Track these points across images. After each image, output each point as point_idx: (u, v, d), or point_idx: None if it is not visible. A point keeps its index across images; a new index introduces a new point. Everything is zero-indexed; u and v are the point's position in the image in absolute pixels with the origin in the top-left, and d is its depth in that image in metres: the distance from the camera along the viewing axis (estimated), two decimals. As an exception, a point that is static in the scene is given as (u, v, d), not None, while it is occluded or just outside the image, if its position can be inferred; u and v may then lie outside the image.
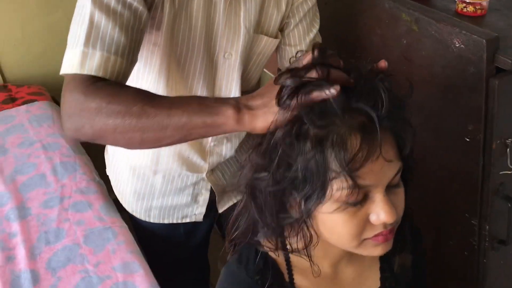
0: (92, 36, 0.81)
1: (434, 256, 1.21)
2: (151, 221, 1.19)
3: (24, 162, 1.52)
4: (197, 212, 1.18)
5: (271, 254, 0.83)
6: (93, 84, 0.79)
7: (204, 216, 1.19)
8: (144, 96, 0.78)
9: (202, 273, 1.40)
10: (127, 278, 1.15)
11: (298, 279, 0.83)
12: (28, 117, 1.72)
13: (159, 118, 0.75)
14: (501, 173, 1.03)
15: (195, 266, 1.35)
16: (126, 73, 0.84)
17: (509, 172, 1.03)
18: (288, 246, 0.81)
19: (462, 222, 1.12)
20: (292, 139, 0.71)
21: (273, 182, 0.74)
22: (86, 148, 1.64)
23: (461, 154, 1.07)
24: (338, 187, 0.70)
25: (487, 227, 1.09)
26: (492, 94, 0.97)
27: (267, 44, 1.05)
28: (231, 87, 1.04)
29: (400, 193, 0.76)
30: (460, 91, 1.03)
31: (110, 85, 0.79)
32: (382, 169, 0.70)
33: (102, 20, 0.82)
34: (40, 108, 1.77)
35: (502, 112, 0.98)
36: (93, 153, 1.66)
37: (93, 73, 0.80)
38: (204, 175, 1.13)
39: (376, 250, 0.76)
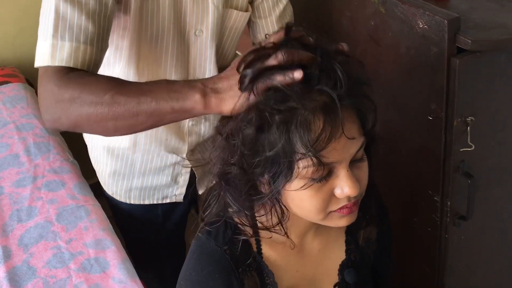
0: (59, 27, 0.83)
1: (399, 232, 1.25)
2: (131, 202, 1.20)
3: (-4, 142, 1.52)
4: (177, 193, 1.20)
5: (240, 226, 0.85)
6: (65, 75, 0.81)
7: (184, 196, 1.21)
8: (114, 84, 0.80)
9: (179, 254, 1.43)
10: (99, 254, 1.17)
11: (265, 250, 0.86)
12: (2, 98, 1.71)
13: (130, 105, 0.78)
14: (461, 150, 1.07)
15: (172, 248, 1.37)
16: (97, 61, 0.85)
17: (469, 149, 1.06)
18: (259, 224, 0.83)
19: (425, 199, 1.16)
20: (257, 127, 0.73)
21: (241, 168, 0.76)
22: (60, 129, 1.65)
23: (424, 132, 1.11)
24: (304, 165, 0.73)
25: (449, 203, 1.13)
26: (453, 73, 1.01)
27: (238, 18, 1.06)
28: (205, 66, 1.06)
29: (364, 166, 0.79)
30: (424, 70, 1.06)
31: (81, 75, 0.82)
32: (345, 146, 0.73)
33: (67, 10, 0.83)
34: (14, 89, 1.76)
35: (462, 90, 1.02)
36: (67, 135, 1.66)
37: (64, 64, 0.82)
38: (184, 155, 1.15)
39: (342, 221, 0.79)
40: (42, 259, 1.16)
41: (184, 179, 1.18)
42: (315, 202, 0.76)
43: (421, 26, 1.03)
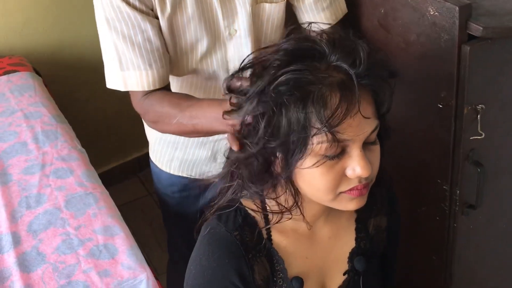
0: (122, 61, 1.02)
1: (407, 221, 1.24)
2: (171, 172, 1.26)
3: (5, 130, 1.52)
4: (214, 171, 1.22)
5: (250, 212, 0.86)
6: (143, 103, 1.05)
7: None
8: (177, 111, 1.00)
9: None
10: (108, 240, 1.18)
11: (276, 236, 0.86)
12: (10, 87, 1.71)
13: (189, 128, 1.00)
14: (471, 138, 1.06)
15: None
16: (162, 75, 1.04)
17: (479, 137, 1.06)
18: (269, 209, 0.84)
19: (434, 187, 1.16)
20: (272, 110, 0.74)
21: (257, 145, 0.77)
22: (68, 117, 1.65)
23: (434, 120, 1.10)
24: (318, 141, 0.73)
25: (458, 192, 1.12)
26: (464, 60, 1.00)
27: (271, 10, 1.08)
28: None
29: (376, 150, 0.79)
30: (434, 58, 1.05)
31: (153, 103, 1.04)
32: (360, 125, 0.74)
33: (123, 47, 1.01)
34: (22, 78, 1.76)
35: (473, 78, 1.01)
36: (75, 123, 1.66)
37: (134, 89, 1.04)
38: (226, 135, 1.17)
39: (351, 204, 0.79)
40: (51, 245, 1.17)
41: (222, 158, 1.20)
42: (326, 180, 0.76)
43: (431, 13, 1.02)
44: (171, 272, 1.55)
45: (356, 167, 0.75)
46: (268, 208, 0.85)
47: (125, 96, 1.11)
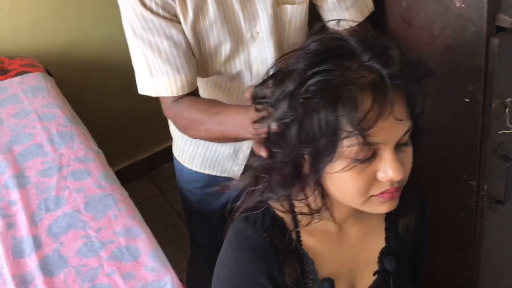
0: (152, 69, 1.04)
1: (433, 217, 1.23)
2: (193, 169, 1.27)
3: (19, 132, 1.51)
4: (235, 169, 1.23)
5: (279, 213, 0.84)
6: (173, 108, 1.07)
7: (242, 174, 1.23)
8: (206, 117, 1.02)
9: None
10: (130, 242, 1.16)
11: (304, 237, 0.85)
12: (22, 88, 1.69)
13: (217, 134, 1.03)
14: (499, 132, 1.05)
15: (224, 219, 1.39)
16: (190, 79, 1.05)
17: (508, 131, 1.04)
18: (298, 210, 0.82)
19: (460, 183, 1.14)
20: (303, 113, 0.72)
21: (285, 148, 0.76)
22: (83, 118, 1.64)
23: (461, 114, 1.08)
24: (349, 144, 0.71)
25: (485, 187, 1.11)
26: (492, 53, 0.98)
27: (293, 11, 1.07)
28: (267, 64, 1.08)
29: (409, 152, 0.77)
30: (460, 51, 1.03)
31: (181, 110, 1.06)
32: (392, 127, 0.72)
33: (151, 55, 1.02)
34: (34, 79, 1.75)
35: (502, 71, 0.99)
36: (91, 124, 1.65)
37: (164, 95, 1.06)
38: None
39: (382, 207, 0.78)
40: (72, 248, 1.15)
41: (244, 156, 1.21)
42: (357, 184, 0.74)
43: (458, 5, 1.00)
44: (191, 268, 1.54)
45: (388, 170, 0.73)
46: (296, 209, 0.84)
47: (135, 96, 1.10)
